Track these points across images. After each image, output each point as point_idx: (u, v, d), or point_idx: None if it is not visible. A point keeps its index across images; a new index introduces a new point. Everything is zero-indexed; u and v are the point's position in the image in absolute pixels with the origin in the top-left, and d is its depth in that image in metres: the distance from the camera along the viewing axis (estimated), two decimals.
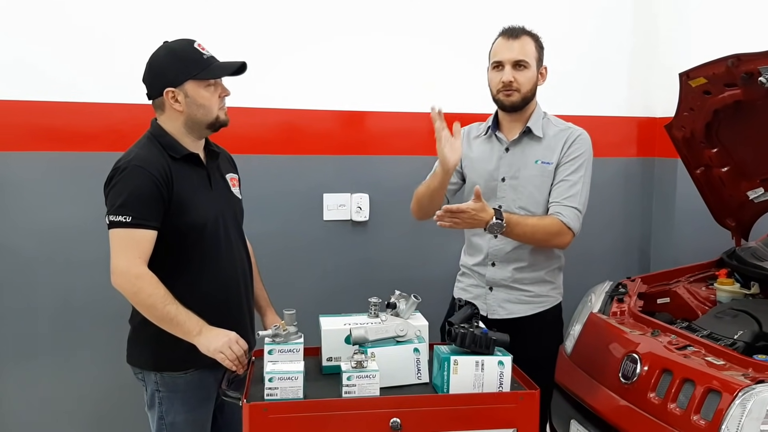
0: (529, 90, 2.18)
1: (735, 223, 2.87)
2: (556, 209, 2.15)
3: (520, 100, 2.18)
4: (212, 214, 1.94)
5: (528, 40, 2.18)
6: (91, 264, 2.55)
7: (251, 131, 2.91)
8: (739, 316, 2.25)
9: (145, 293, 1.79)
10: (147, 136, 1.95)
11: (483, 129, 2.32)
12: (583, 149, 2.20)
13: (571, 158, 2.17)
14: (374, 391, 1.65)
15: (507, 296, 2.24)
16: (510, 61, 2.15)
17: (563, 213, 2.13)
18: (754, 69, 2.15)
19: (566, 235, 2.14)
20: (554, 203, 2.16)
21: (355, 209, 3.08)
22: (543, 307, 2.25)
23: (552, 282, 2.27)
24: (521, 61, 2.15)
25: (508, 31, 2.19)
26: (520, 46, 2.16)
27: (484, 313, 2.23)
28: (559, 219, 2.12)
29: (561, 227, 2.12)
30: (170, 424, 1.94)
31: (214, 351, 1.78)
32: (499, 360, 1.70)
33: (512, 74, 2.15)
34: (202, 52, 1.90)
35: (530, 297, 2.24)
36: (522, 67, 2.16)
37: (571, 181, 2.16)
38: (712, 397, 1.84)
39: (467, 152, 2.31)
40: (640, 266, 3.43)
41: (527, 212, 2.19)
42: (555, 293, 2.29)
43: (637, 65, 3.38)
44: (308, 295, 2.91)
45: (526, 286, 2.23)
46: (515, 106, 2.19)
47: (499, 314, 2.24)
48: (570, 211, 2.13)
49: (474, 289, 2.29)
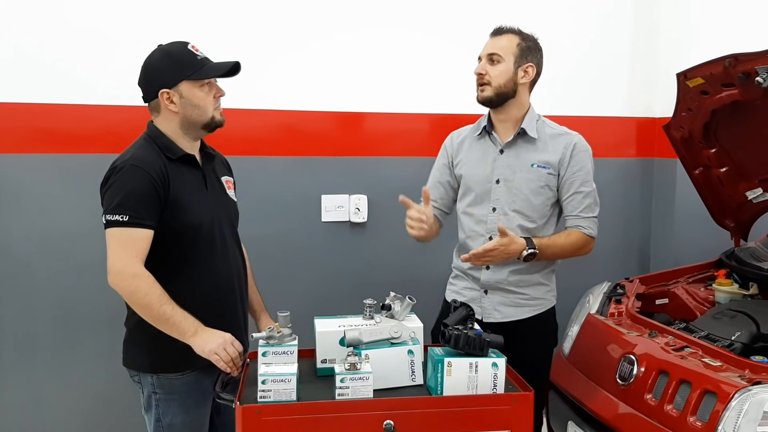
0: (502, 84, 2.16)
1: (734, 223, 2.87)
2: (576, 222, 2.21)
3: (492, 94, 2.17)
4: (207, 215, 1.94)
5: (511, 36, 2.19)
6: (89, 266, 2.56)
7: (249, 133, 2.92)
8: (737, 317, 2.25)
9: (141, 293, 1.79)
10: (144, 138, 1.95)
11: (476, 129, 2.31)
12: (587, 158, 2.22)
13: (579, 170, 2.19)
14: (368, 393, 1.64)
15: (502, 299, 2.23)
16: (485, 54, 2.19)
17: (583, 225, 2.20)
18: (751, 69, 2.15)
19: (590, 244, 2.23)
20: (572, 216, 2.21)
21: (354, 210, 3.08)
22: (538, 310, 2.24)
23: (547, 284, 2.27)
24: (493, 55, 2.16)
25: (494, 30, 2.22)
26: (501, 41, 2.18)
27: (478, 316, 2.22)
28: (582, 232, 2.20)
29: (586, 240, 2.21)
30: (167, 426, 1.93)
31: (209, 352, 1.78)
32: (493, 362, 1.70)
33: (485, 67, 2.17)
34: (195, 53, 1.90)
35: (526, 300, 2.23)
36: (495, 61, 2.17)
37: (584, 193, 2.20)
38: (709, 398, 1.84)
39: (459, 156, 2.31)
40: (639, 267, 3.42)
41: (522, 215, 2.19)
42: (550, 296, 2.29)
43: (637, 66, 3.38)
44: (307, 296, 2.92)
45: (521, 288, 2.22)
46: (487, 100, 2.18)
47: (495, 317, 2.23)
48: (589, 222, 2.21)
49: (468, 291, 2.28)
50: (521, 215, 2.19)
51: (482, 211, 2.23)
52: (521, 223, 2.18)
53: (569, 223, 2.22)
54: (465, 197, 2.28)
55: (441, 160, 2.37)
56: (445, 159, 2.35)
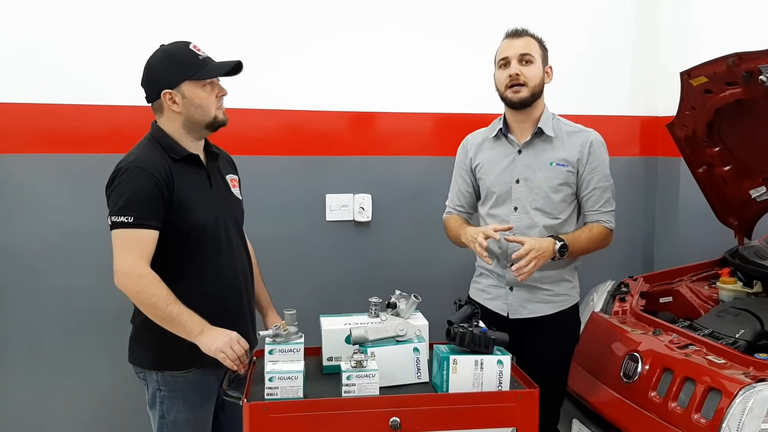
0: (536, 85, 2.19)
1: (738, 221, 2.87)
2: (597, 218, 2.24)
3: (528, 95, 2.18)
4: (212, 214, 1.95)
5: (531, 39, 2.21)
6: (94, 264, 2.56)
7: (254, 132, 2.92)
8: (741, 314, 2.26)
9: (147, 293, 1.80)
10: (147, 138, 1.96)
11: (491, 131, 2.32)
12: (604, 153, 2.25)
13: (597, 166, 2.22)
14: (374, 391, 1.65)
15: (528, 296, 2.23)
16: (515, 56, 2.18)
17: (604, 219, 2.24)
18: (754, 67, 2.15)
19: (610, 237, 2.27)
20: (592, 212, 2.24)
21: (358, 210, 3.08)
22: (563, 306, 2.25)
23: (570, 281, 2.28)
24: (526, 55, 2.17)
25: (512, 32, 2.22)
26: (524, 42, 2.19)
27: (504, 313, 2.23)
28: (604, 226, 2.23)
29: (607, 233, 2.24)
30: (171, 423, 1.94)
31: (215, 351, 1.79)
32: (498, 359, 1.71)
33: (519, 68, 2.17)
34: (197, 53, 1.91)
35: (551, 296, 2.23)
36: (528, 62, 2.17)
37: (603, 188, 2.23)
38: (713, 395, 1.85)
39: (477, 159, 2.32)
40: (643, 265, 3.42)
41: (543, 213, 2.20)
42: (573, 292, 2.29)
43: (640, 64, 3.37)
44: (311, 295, 2.92)
45: (546, 285, 2.22)
46: (524, 101, 2.18)
47: (521, 314, 2.23)
48: (608, 216, 2.25)
49: (493, 289, 2.29)
50: (543, 213, 2.20)
51: (504, 212, 2.24)
52: (543, 220, 2.19)
53: (590, 218, 2.25)
54: (487, 200, 2.29)
55: (461, 166, 2.38)
56: (464, 164, 2.36)
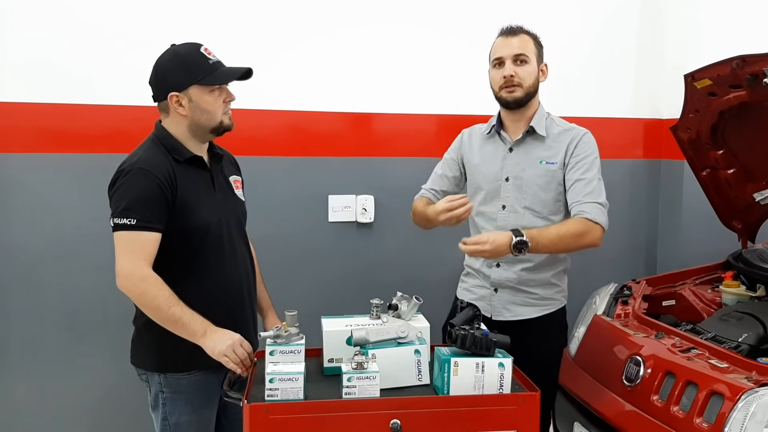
0: (531, 85, 2.18)
1: (741, 225, 2.85)
2: (579, 209, 2.11)
3: (523, 95, 2.18)
4: (215, 216, 1.95)
5: (526, 37, 2.20)
6: (97, 265, 2.57)
7: (256, 133, 2.93)
8: (744, 318, 2.24)
9: (150, 295, 1.80)
10: (151, 139, 1.96)
11: (486, 128, 2.32)
12: (591, 148, 2.19)
13: (581, 158, 2.17)
14: (374, 393, 1.65)
15: (512, 298, 2.23)
16: (510, 56, 2.17)
17: (585, 210, 2.09)
18: (759, 70, 2.14)
19: (595, 230, 2.09)
20: (575, 204, 2.13)
21: (360, 211, 3.08)
22: (547, 309, 2.25)
23: (557, 285, 2.27)
24: (521, 55, 2.17)
25: (506, 30, 2.22)
26: (519, 41, 2.18)
27: (488, 314, 2.22)
28: (583, 217, 2.09)
29: (587, 225, 2.08)
30: (174, 424, 1.95)
31: (218, 354, 1.79)
32: (499, 362, 1.70)
33: (513, 69, 2.16)
34: (207, 57, 1.89)
35: (535, 299, 2.23)
36: (522, 62, 2.17)
37: (587, 179, 2.14)
38: (715, 400, 1.83)
39: (469, 154, 2.33)
40: (646, 268, 3.42)
41: (532, 212, 2.19)
42: (560, 296, 2.29)
43: (644, 66, 3.37)
44: (313, 296, 2.92)
45: (531, 288, 2.22)
46: (518, 101, 2.18)
47: (504, 316, 2.23)
48: (592, 207, 2.10)
49: (478, 289, 2.29)
50: (531, 212, 2.19)
51: (492, 209, 2.24)
52: (532, 219, 2.18)
53: (573, 211, 2.14)
54: (476, 196, 2.29)
55: (450, 155, 2.39)
56: (455, 154, 2.37)
